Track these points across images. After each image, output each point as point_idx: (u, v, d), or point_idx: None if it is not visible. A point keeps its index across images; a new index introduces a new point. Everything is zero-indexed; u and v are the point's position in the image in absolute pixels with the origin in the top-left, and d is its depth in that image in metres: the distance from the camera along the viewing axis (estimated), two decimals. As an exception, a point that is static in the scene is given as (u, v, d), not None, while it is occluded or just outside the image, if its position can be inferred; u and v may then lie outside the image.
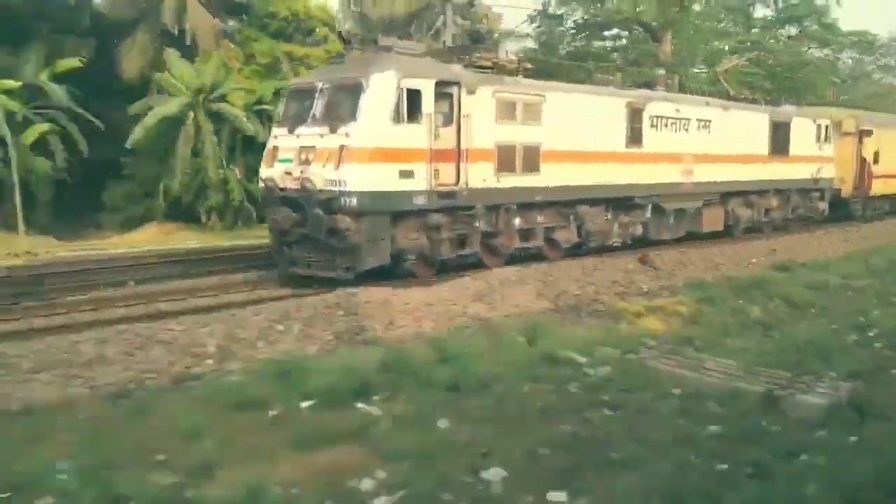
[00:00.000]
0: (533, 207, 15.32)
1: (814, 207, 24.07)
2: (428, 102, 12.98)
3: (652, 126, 17.53)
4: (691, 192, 18.85)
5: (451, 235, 13.86)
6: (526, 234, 15.57)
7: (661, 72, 18.32)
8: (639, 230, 17.92)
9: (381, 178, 12.48)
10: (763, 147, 21.24)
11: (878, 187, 27.03)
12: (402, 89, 12.64)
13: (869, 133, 26.03)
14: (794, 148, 22.39)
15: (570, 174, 15.64)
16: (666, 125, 17.91)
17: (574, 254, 16.82)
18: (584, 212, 16.21)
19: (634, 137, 17.08)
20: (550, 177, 15.22)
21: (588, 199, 16.17)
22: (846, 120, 25.48)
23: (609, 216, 17.13)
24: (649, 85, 18.16)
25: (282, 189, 13.15)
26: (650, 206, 17.88)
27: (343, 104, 12.87)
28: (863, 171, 25.98)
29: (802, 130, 22.80)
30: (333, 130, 12.69)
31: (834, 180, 24.68)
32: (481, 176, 13.95)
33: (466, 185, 13.69)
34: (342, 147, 12.46)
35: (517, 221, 15.10)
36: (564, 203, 15.83)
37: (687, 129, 18.53)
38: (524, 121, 14.66)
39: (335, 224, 12.35)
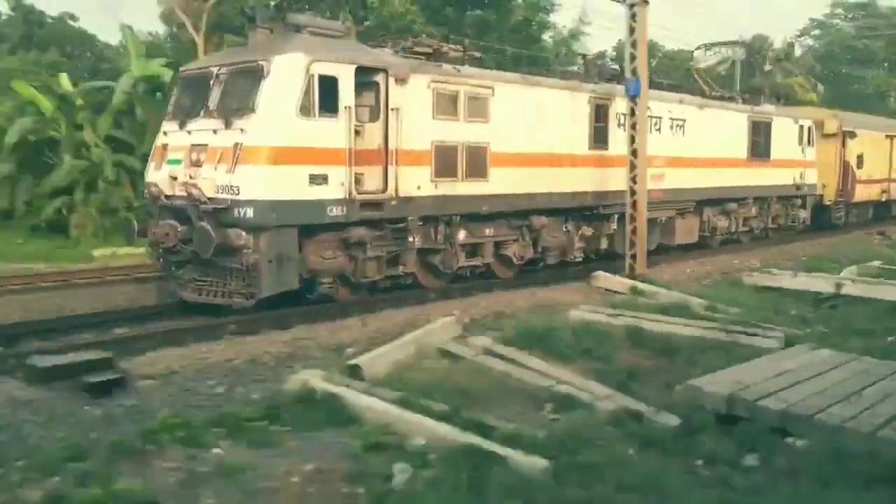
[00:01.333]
0: (480, 219, 13.09)
1: (795, 216, 22.14)
2: (346, 92, 10.68)
3: (619, 125, 15.38)
4: (663, 200, 16.73)
5: (379, 253, 11.57)
6: (472, 250, 13.34)
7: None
8: (604, 243, 15.77)
9: (286, 185, 10.16)
10: (742, 150, 19.22)
11: (861, 193, 25.23)
12: (312, 76, 10.32)
13: (853, 135, 24.21)
14: (776, 151, 20.42)
15: (524, 180, 13.44)
16: (635, 124, 15.76)
17: (528, 271, 14.65)
18: (540, 223, 14.01)
19: (599, 138, 14.92)
20: (500, 183, 13.01)
21: (545, 208, 13.98)
22: (828, 120, 23.62)
23: (569, 228, 14.96)
24: (616, 78, 16.03)
25: (168, 197, 10.76)
26: (616, 217, 15.73)
27: (240, 93, 10.53)
28: (846, 177, 24.14)
29: (784, 132, 20.85)
30: (229, 125, 10.35)
31: (816, 186, 22.80)
32: (415, 182, 11.68)
33: (396, 193, 11.42)
34: (237, 145, 10.13)
35: (461, 235, 12.86)
36: (517, 213, 13.62)
37: (659, 129, 16.41)
38: (469, 117, 12.42)
39: (227, 240, 10.00)
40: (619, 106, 15.30)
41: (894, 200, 28.18)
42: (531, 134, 13.51)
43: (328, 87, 10.47)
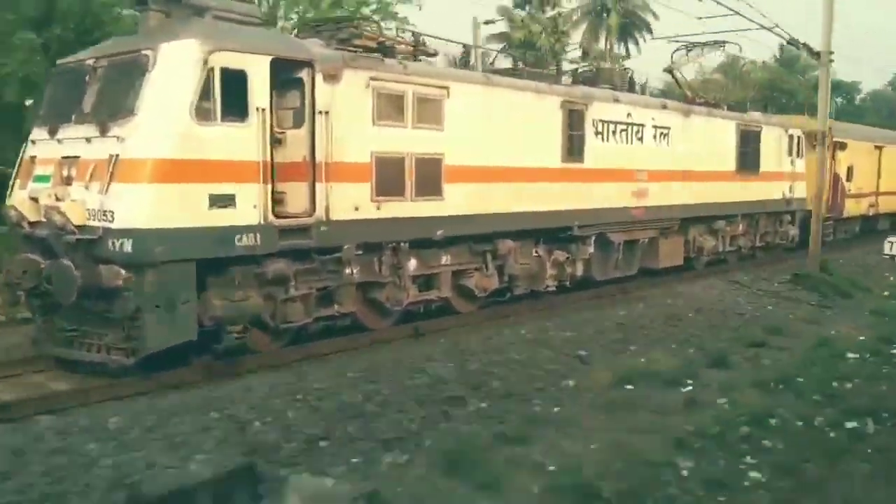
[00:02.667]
0: (434, 245, 10.92)
1: (784, 233, 20.31)
2: (259, 91, 8.46)
3: (597, 134, 13.34)
4: (645, 220, 14.74)
5: (307, 291, 9.33)
6: (425, 282, 11.16)
7: (607, 64, 14.04)
8: (579, 270, 13.68)
9: (177, 208, 7.89)
10: (730, 162, 17.32)
11: (850, 207, 23.57)
12: (211, 69, 8.08)
13: (843, 146, 22.55)
14: (765, 163, 18.57)
15: (486, 198, 11.31)
16: (614, 133, 13.76)
17: (495, 302, 12.49)
18: (506, 248, 11.87)
19: (574, 149, 12.85)
20: (458, 202, 10.86)
21: (512, 231, 11.85)
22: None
23: (540, 253, 12.84)
24: (591, 81, 14.04)
25: (31, 224, 8.43)
26: (594, 239, 13.68)
27: (119, 92, 8.25)
28: (836, 190, 22.44)
29: (773, 142, 19.02)
30: (104, 132, 8.07)
31: (806, 201, 21.02)
32: (351, 202, 9.48)
33: (327, 215, 9.21)
34: (112, 158, 7.85)
35: (411, 265, 10.67)
36: (479, 237, 11.48)
37: (641, 139, 14.42)
38: (418, 123, 10.27)
39: (99, 280, 7.70)
40: (596, 111, 13.27)
41: (881, 215, 26.62)
42: (494, 144, 11.40)
43: (234, 83, 8.25)
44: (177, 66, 7.97)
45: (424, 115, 10.32)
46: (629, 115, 14.09)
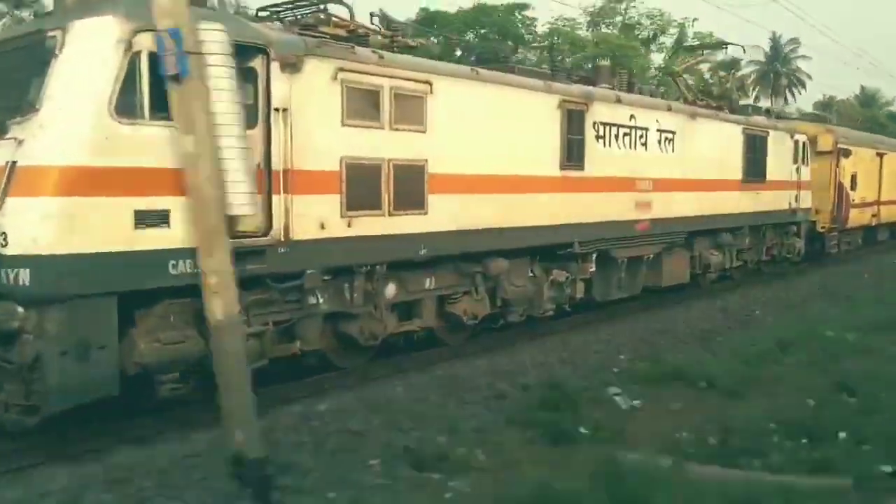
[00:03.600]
0: (416, 267, 9.34)
1: (790, 245, 18.95)
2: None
3: (598, 138, 11.85)
4: (650, 234, 13.25)
5: (262, 326, 7.69)
6: (406, 310, 9.57)
7: (605, 62, 12.59)
8: (579, 291, 12.14)
9: (92, 229, 6.23)
10: (736, 169, 15.91)
11: (854, 218, 22.32)
12: (137, 52, 6.45)
13: (847, 153, 21.29)
14: (772, 170, 17.20)
15: (476, 212, 9.75)
16: (616, 137, 12.28)
17: (485, 329, 10.92)
18: (498, 268, 10.31)
19: (573, 155, 11.33)
20: (444, 217, 9.29)
21: (505, 249, 10.30)
22: (822, 136, 20.64)
23: (536, 273, 11.30)
24: (588, 81, 12.56)
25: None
26: (594, 256, 12.16)
27: (19, 83, 6.59)
28: (841, 200, 21.16)
29: (779, 148, 17.66)
30: (1, 133, 6.40)
31: (811, 211, 19.72)
32: (316, 218, 7.87)
33: (287, 234, 7.59)
34: (8, 166, 6.18)
35: (389, 291, 9.08)
36: (468, 257, 9.91)
37: (645, 144, 12.95)
38: (397, 123, 8.69)
39: (-13, 322, 6.02)
40: (598, 112, 11.77)
41: (883, 225, 25.46)
42: (485, 149, 9.85)
43: (167, 72, 6.61)
44: (91, 48, 6.33)
45: (404, 114, 8.75)
46: (632, 117, 12.61)
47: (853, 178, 21.81)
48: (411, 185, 8.88)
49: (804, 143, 18.92)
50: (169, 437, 6.74)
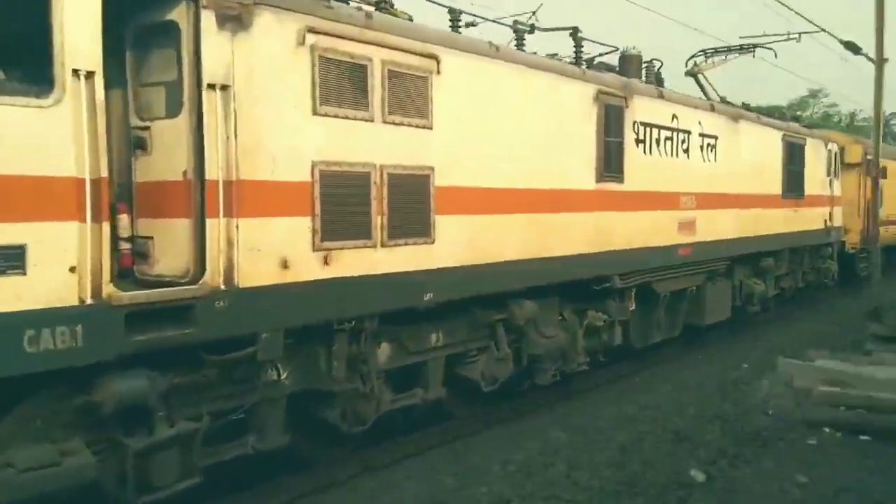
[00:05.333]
0: (420, 318, 6.65)
1: (826, 269, 16.62)
2: (78, 37, 4.15)
3: (638, 142, 9.33)
4: (693, 261, 10.75)
5: (192, 426, 4.94)
6: (405, 377, 6.86)
7: (633, 49, 10.10)
8: (617, 336, 9.54)
9: None
10: (776, 182, 13.54)
11: (883, 237, 20.10)
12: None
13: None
14: (810, 184, 14.90)
15: (499, 239, 7.13)
16: (658, 142, 9.77)
17: (506, 393, 8.21)
18: (526, 314, 7.66)
19: (612, 163, 8.78)
20: (456, 246, 6.64)
21: (533, 287, 7.67)
22: (851, 147, 18.44)
23: (567, 317, 8.68)
24: (622, 70, 10.08)
25: None
26: (634, 292, 9.59)
27: None
28: (870, 217, 18.96)
29: (816, 158, 15.38)
30: None
31: (842, 230, 17.48)
32: (276, 253, 5.16)
33: (229, 280, 4.88)
34: None
35: (383, 354, 6.41)
36: (486, 301, 7.25)
37: (687, 151, 10.47)
38: (393, 113, 6.03)
39: None
40: (638, 110, 9.27)
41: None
42: (509, 153, 7.25)
43: (16, 22, 3.95)
44: None
45: (402, 100, 6.11)
46: (674, 117, 10.14)
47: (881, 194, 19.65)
48: (412, 203, 6.24)
49: (836, 154, 16.71)
50: None
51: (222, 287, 4.85)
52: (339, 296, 5.61)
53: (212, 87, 4.79)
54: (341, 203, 5.62)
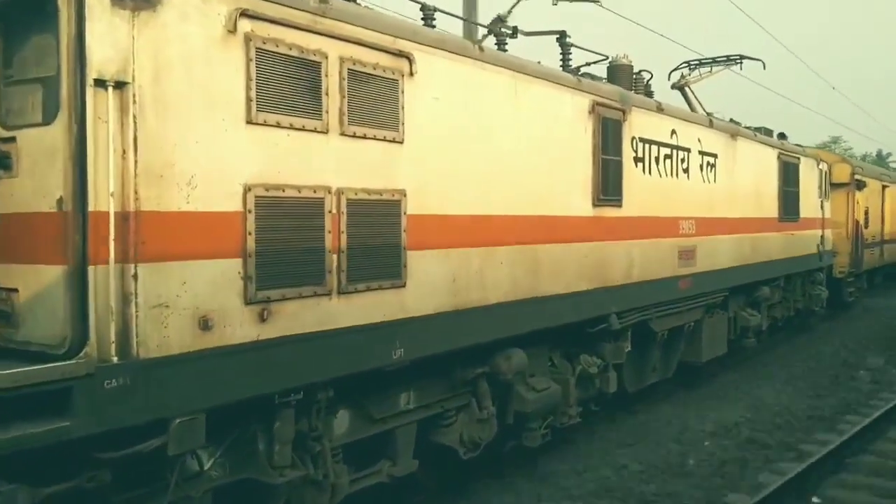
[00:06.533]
0: (387, 378, 5.33)
1: (818, 296, 15.67)
2: None
3: (637, 160, 8.17)
4: (692, 294, 9.61)
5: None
6: (368, 449, 5.52)
7: (625, 58, 8.97)
8: (612, 382, 8.30)
9: None
10: (773, 205, 12.53)
11: (868, 260, 19.37)
12: None
13: (862, 185, 18.38)
14: (804, 206, 13.96)
15: (483, 277, 5.87)
16: (657, 160, 8.63)
17: (489, 457, 6.88)
18: (513, 365, 6.37)
19: (609, 184, 7.58)
20: (431, 289, 5.36)
21: (521, 334, 6.41)
22: (838, 166, 17.65)
23: (557, 363, 7.45)
24: (611, 82, 8.92)
25: None
26: (630, 331, 8.39)
27: None
28: (857, 239, 18.17)
29: (809, 178, 14.47)
30: None
31: (832, 253, 16.59)
32: (193, 308, 3.82)
33: (125, 348, 3.52)
34: None
35: (341, 425, 5.08)
36: (467, 353, 5.96)
37: (687, 171, 9.36)
38: (353, 123, 4.74)
39: None
40: (637, 125, 8.12)
41: (887, 265, 22.69)
42: (492, 173, 6.01)
43: None
44: None
45: (365, 107, 4.83)
46: (673, 132, 9.02)
47: (866, 215, 18.91)
48: (379, 237, 4.94)
49: (826, 173, 15.85)
50: None
51: (114, 360, 3.50)
52: (281, 361, 4.28)
53: (101, 84, 3.47)
54: (285, 239, 4.31)
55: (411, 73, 5.16)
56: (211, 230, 3.91)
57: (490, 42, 6.74)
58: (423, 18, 6.19)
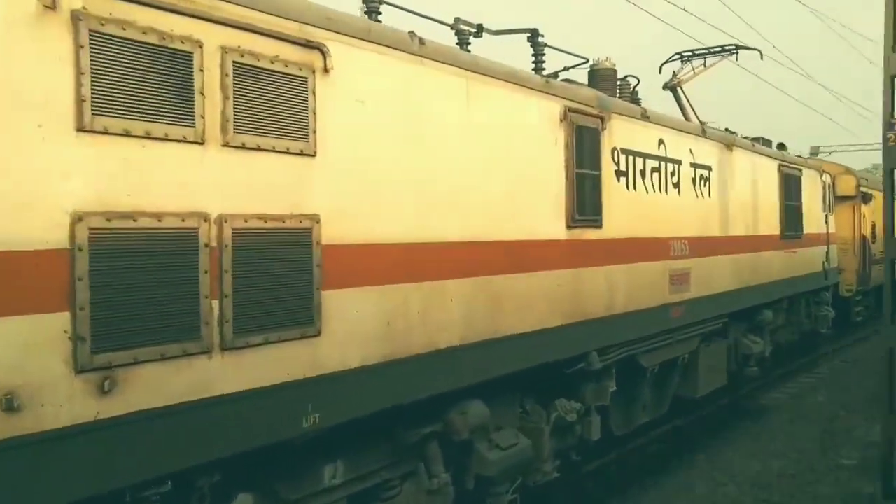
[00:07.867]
0: (302, 451, 4.26)
1: (824, 316, 14.60)
2: None
3: (619, 174, 7.14)
4: (686, 323, 8.55)
5: None
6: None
7: (607, 62, 7.94)
8: (593, 428, 7.21)
9: None
10: (774, 221, 11.50)
11: (875, 276, 18.30)
12: None
13: (868, 198, 17.37)
14: (808, 222, 12.95)
15: (428, 318, 4.81)
16: (643, 174, 7.60)
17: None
18: (465, 423, 5.31)
19: (586, 203, 6.55)
20: (355, 336, 4.30)
21: (482, 382, 5.35)
22: (843, 178, 16.66)
23: (530, 409, 6.39)
24: (592, 87, 7.92)
25: None
26: (614, 369, 7.31)
27: None
28: (864, 255, 17.14)
29: (812, 191, 13.47)
30: None
31: (837, 271, 15.56)
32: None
33: None
34: None
35: (237, 511, 4.00)
36: (409, 410, 4.89)
37: (677, 185, 8.33)
38: (242, 130, 3.71)
39: None
40: (618, 134, 7.09)
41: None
42: (443, 189, 4.98)
43: None
44: None
45: (259, 110, 3.80)
46: (661, 143, 8.00)
47: (873, 229, 17.87)
48: (281, 275, 3.90)
49: (830, 185, 14.85)
50: None
51: None
52: (134, 445, 3.23)
53: None
54: (137, 284, 3.26)
55: (325, 70, 4.14)
56: (15, 277, 2.86)
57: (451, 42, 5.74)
58: (366, 12, 5.19)
